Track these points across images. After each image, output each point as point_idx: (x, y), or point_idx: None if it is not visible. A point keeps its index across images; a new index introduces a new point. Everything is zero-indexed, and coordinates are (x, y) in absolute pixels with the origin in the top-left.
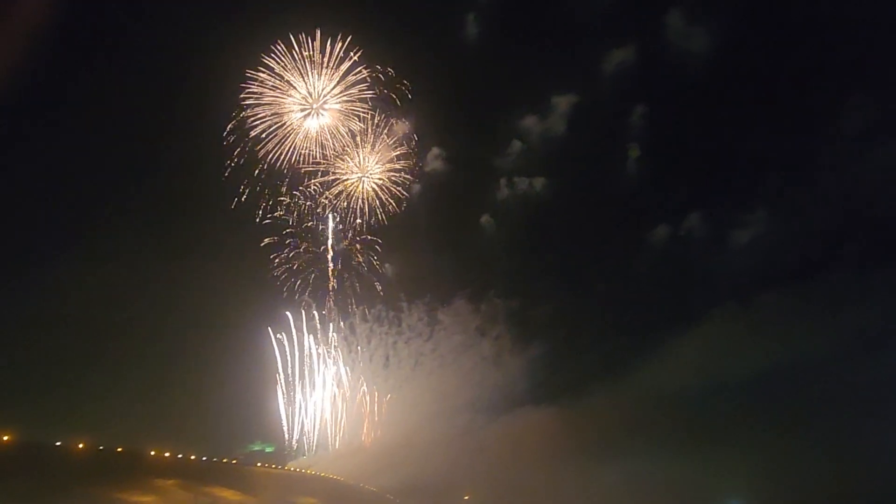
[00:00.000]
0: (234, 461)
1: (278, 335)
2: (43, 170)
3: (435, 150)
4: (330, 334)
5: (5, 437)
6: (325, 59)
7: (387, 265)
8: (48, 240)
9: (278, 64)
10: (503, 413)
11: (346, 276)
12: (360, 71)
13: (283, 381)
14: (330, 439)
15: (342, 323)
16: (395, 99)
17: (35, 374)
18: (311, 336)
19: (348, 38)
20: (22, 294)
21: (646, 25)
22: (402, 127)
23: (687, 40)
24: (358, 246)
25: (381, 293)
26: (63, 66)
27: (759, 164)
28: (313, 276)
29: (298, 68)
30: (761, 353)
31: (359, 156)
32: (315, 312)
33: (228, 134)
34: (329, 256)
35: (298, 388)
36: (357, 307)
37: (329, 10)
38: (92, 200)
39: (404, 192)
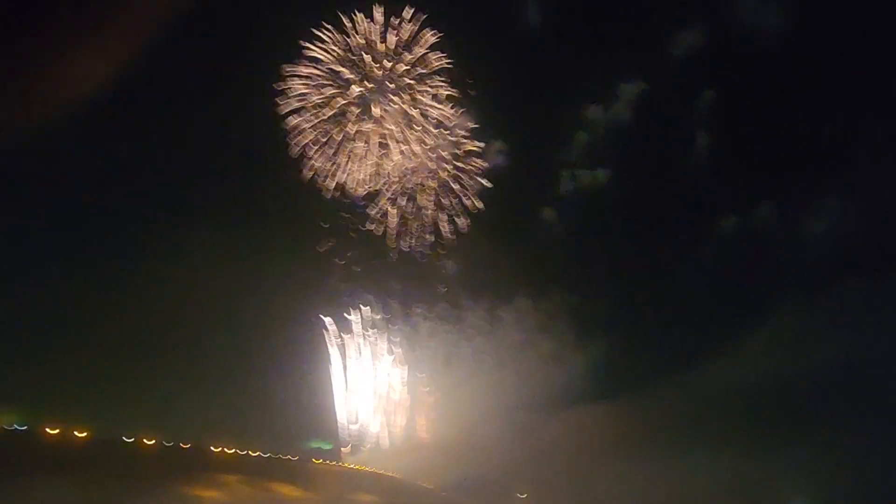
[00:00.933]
0: (292, 458)
1: (339, 335)
2: (117, 184)
3: (496, 144)
4: (389, 334)
5: (82, 434)
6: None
7: (449, 262)
8: (122, 242)
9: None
10: (562, 411)
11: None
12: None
13: (341, 380)
14: (387, 437)
15: (404, 323)
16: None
17: (105, 374)
18: (372, 335)
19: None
20: (92, 296)
21: (715, 3)
22: (463, 120)
23: (758, 18)
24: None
25: (445, 290)
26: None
27: (835, 149)
28: (376, 277)
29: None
30: (833, 349)
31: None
32: (374, 314)
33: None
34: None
35: (356, 387)
36: (420, 306)
37: None
38: (161, 208)
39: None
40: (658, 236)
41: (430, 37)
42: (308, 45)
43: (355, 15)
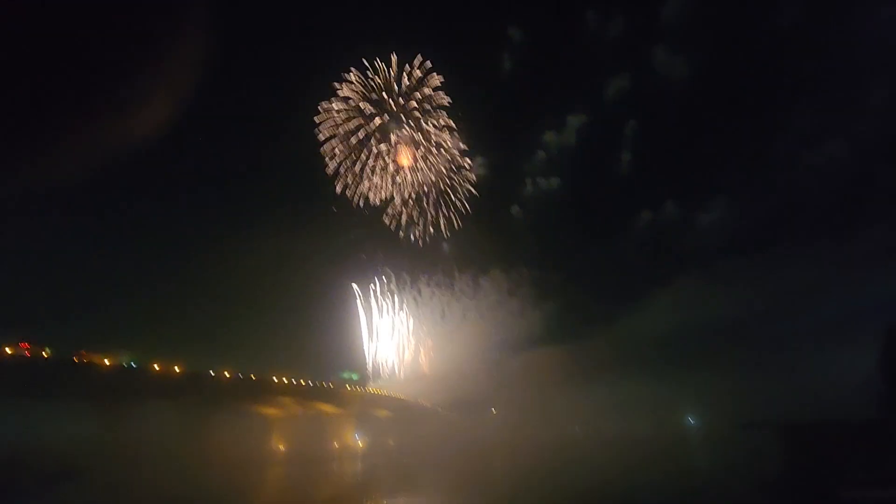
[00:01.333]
0: (330, 385)
1: (365, 298)
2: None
3: (479, 159)
4: (401, 297)
5: (178, 369)
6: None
7: (444, 244)
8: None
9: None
10: (524, 352)
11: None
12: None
13: (366, 327)
14: (398, 370)
15: (412, 289)
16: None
17: (198, 326)
18: (388, 297)
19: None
20: (194, 272)
21: (638, 58)
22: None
23: (669, 69)
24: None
25: (440, 266)
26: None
27: (722, 163)
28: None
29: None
30: (717, 306)
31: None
32: (390, 284)
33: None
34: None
35: (377, 333)
36: (423, 277)
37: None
38: (238, 213)
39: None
40: (595, 226)
41: (435, 80)
42: (339, 86)
43: (376, 62)
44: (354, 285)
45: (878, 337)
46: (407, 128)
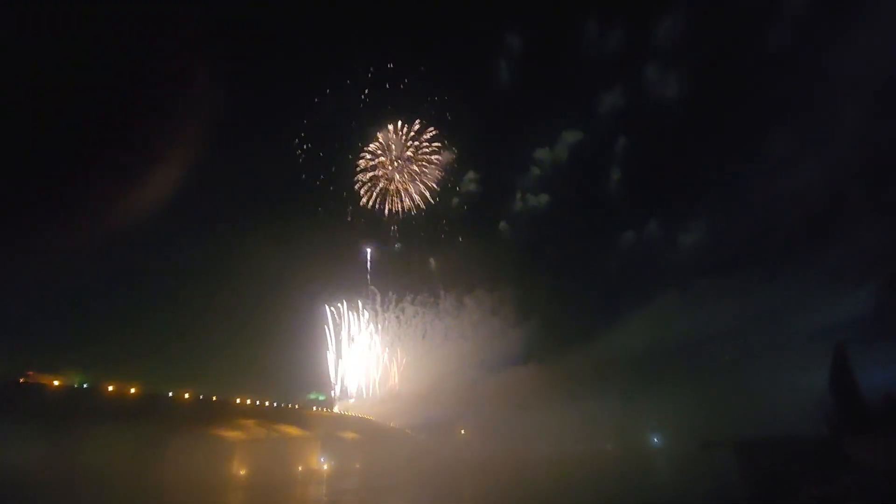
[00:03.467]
0: (296, 406)
1: (340, 316)
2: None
3: (470, 174)
4: (382, 315)
5: (133, 390)
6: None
7: (431, 260)
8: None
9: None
10: (501, 370)
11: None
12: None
13: (336, 346)
14: (370, 390)
15: (397, 307)
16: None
17: (155, 344)
18: (373, 313)
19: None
20: (150, 284)
21: (629, 76)
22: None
23: (659, 88)
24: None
25: (427, 284)
26: None
27: (703, 184)
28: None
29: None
30: (690, 326)
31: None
32: (374, 301)
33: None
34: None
35: (348, 352)
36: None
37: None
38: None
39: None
40: (580, 244)
41: (430, 133)
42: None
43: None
44: (327, 306)
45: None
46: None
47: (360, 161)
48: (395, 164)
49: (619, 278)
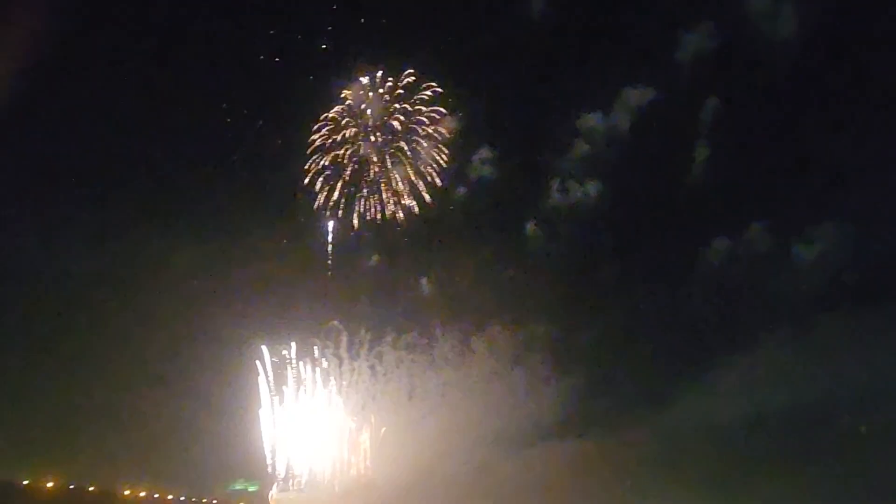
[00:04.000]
0: (214, 501)
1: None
2: None
3: (484, 152)
4: (346, 362)
5: None
6: None
7: (423, 280)
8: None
9: None
10: (525, 448)
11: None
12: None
13: (274, 410)
14: (325, 477)
15: (370, 352)
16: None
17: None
18: (329, 361)
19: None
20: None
21: (725, 5)
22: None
23: (772, 23)
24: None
25: (414, 316)
26: None
27: (836, 173)
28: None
29: None
30: (815, 383)
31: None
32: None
33: None
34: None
35: (294, 418)
36: (390, 333)
37: None
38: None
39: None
40: (646, 258)
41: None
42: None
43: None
44: (265, 349)
45: None
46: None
47: (316, 137)
48: (373, 137)
49: (705, 311)
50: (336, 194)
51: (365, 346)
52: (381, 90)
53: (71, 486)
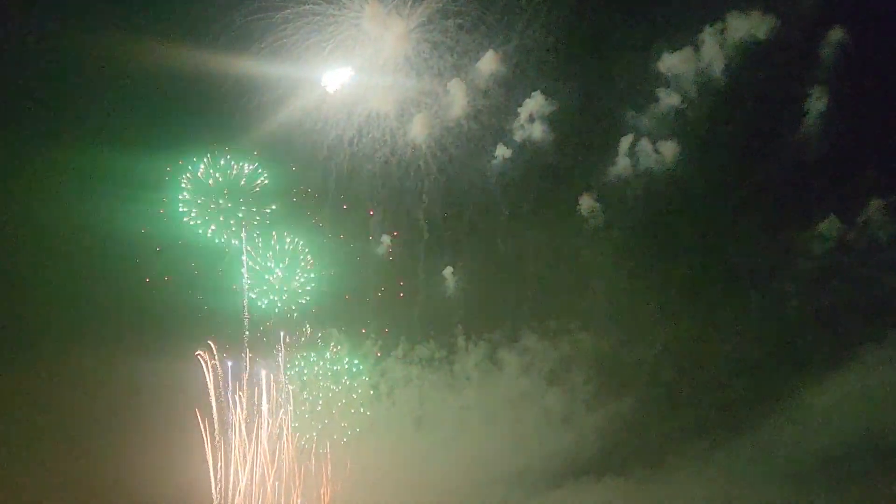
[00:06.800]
0: None
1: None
2: None
3: (536, 100)
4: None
5: None
6: None
7: (448, 270)
8: None
9: None
10: (552, 488)
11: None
12: None
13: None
14: None
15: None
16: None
17: None
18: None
19: None
20: None
21: None
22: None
23: None
24: None
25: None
26: None
27: None
28: None
29: None
30: None
31: None
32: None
33: None
34: None
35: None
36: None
37: None
38: None
39: None
40: (731, 247)
41: None
42: None
43: None
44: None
45: None
46: None
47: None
48: None
49: (803, 316)
50: None
51: (371, 359)
52: None
53: None
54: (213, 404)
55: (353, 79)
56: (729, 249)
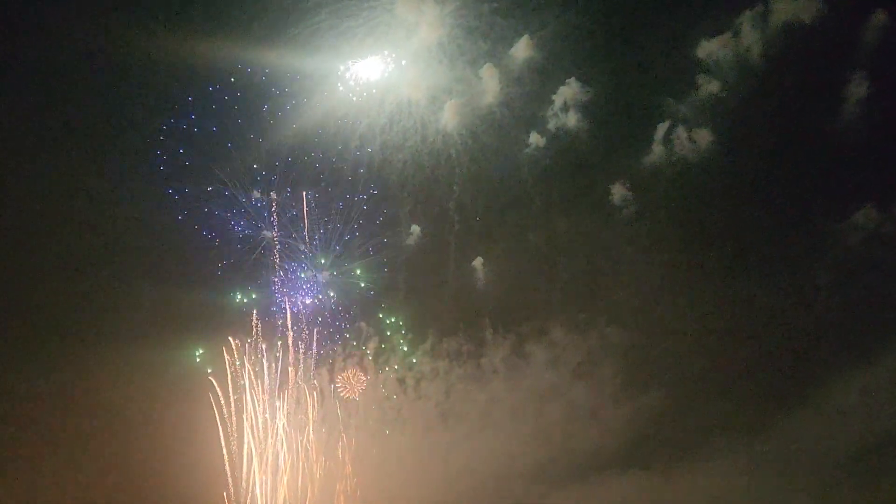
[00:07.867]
0: None
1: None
2: None
3: (570, 87)
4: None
5: None
6: None
7: (478, 261)
8: None
9: None
10: (573, 482)
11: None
12: None
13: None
14: None
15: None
16: None
17: None
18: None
19: None
20: None
21: None
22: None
23: None
24: None
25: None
26: None
27: None
28: None
29: None
30: None
31: None
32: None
33: None
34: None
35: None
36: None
37: None
38: None
39: None
40: (764, 236)
41: None
42: None
43: None
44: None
45: None
46: None
47: None
48: None
49: (835, 308)
50: None
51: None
52: None
53: None
54: (230, 386)
55: (386, 67)
56: (762, 240)
